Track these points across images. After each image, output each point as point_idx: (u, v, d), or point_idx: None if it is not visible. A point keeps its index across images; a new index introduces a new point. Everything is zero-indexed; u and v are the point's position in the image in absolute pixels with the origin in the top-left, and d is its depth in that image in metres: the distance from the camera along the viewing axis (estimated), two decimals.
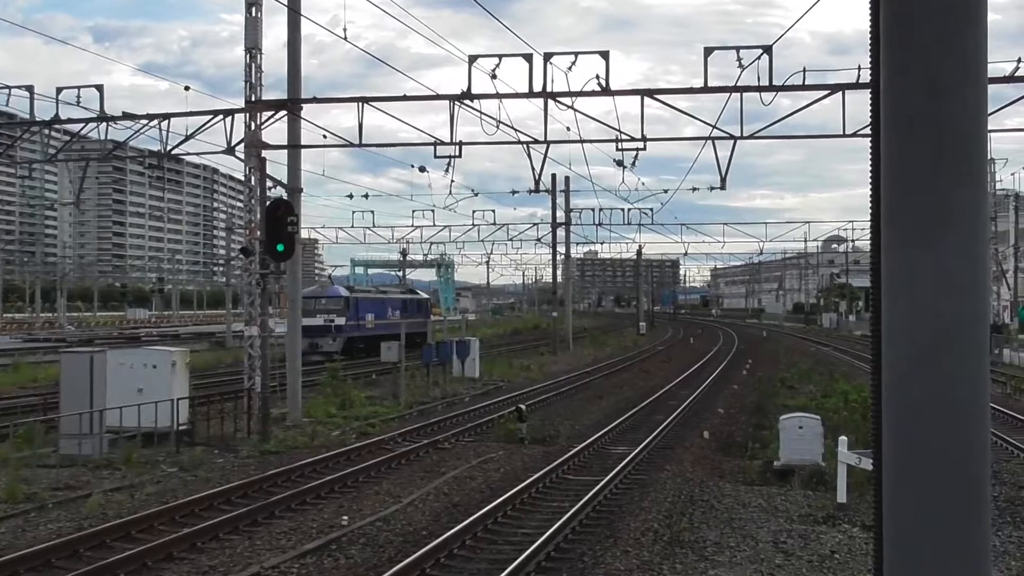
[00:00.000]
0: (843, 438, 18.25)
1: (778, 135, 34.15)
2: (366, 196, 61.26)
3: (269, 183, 28.52)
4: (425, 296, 72.50)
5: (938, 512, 2.27)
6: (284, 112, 28.96)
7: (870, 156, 2.34)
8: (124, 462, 21.53)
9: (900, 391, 2.28)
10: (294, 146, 29.96)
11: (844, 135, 26.82)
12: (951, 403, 2.25)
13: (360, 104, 27.99)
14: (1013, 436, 26.47)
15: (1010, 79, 25.22)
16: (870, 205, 2.34)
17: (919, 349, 2.25)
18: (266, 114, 28.71)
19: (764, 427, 27.15)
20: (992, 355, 55.34)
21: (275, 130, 30.27)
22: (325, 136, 30.73)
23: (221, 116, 29.02)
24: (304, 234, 67.03)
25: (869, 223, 2.37)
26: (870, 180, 2.34)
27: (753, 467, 21.71)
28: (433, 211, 64.55)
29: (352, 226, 70.44)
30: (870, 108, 2.35)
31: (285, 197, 28.29)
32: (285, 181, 29.70)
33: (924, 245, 2.23)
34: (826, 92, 26.27)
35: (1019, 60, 25.34)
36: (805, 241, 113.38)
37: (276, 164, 30.59)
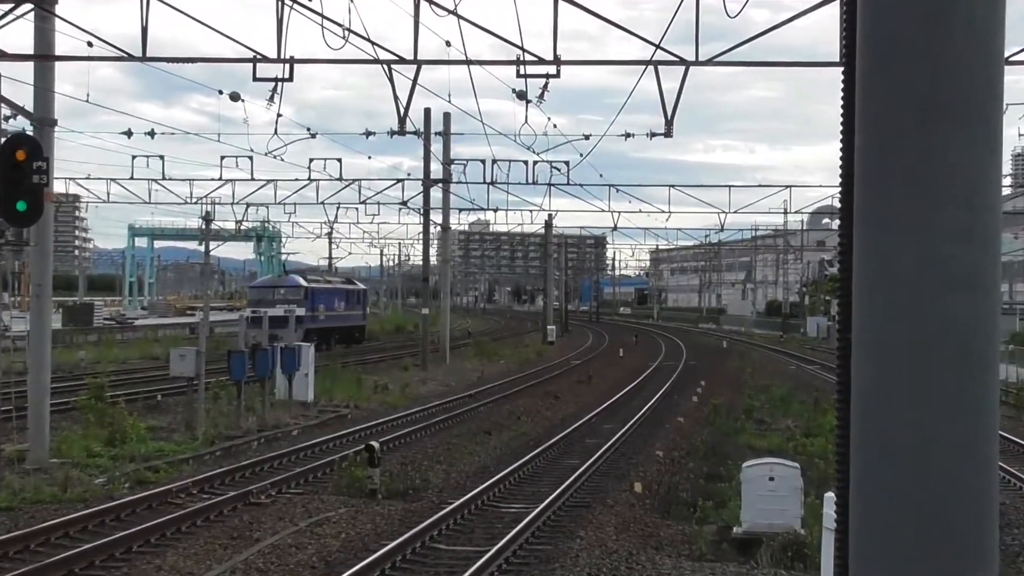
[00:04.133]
0: (830, 495, 18.55)
1: (748, 61, 34.66)
2: (151, 134, 59.91)
3: (6, 111, 28.07)
4: (363, 287, 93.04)
5: None
6: (29, 6, 28.48)
7: (842, 100, 2.39)
8: None
9: (874, 420, 2.33)
10: (44, 57, 29.47)
11: (840, 63, 27.31)
12: (945, 436, 2.31)
13: None
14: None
15: None
16: (840, 169, 2.39)
17: (901, 363, 2.30)
18: (1, 8, 28.20)
19: (720, 478, 27.56)
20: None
21: (15, 32, 29.71)
22: (91, 44, 30.29)
23: None
24: (59, 187, 65.93)
25: (840, 194, 2.42)
26: (841, 136, 2.38)
27: (703, 535, 22.03)
28: (251, 159, 63.64)
29: (132, 177, 68.91)
30: (843, 32, 2.40)
31: (30, 132, 27.85)
32: (30, 109, 29.25)
33: (911, 222, 2.27)
34: (816, 1, 26.70)
35: None
36: (785, 213, 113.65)
37: (16, 83, 29.98)
